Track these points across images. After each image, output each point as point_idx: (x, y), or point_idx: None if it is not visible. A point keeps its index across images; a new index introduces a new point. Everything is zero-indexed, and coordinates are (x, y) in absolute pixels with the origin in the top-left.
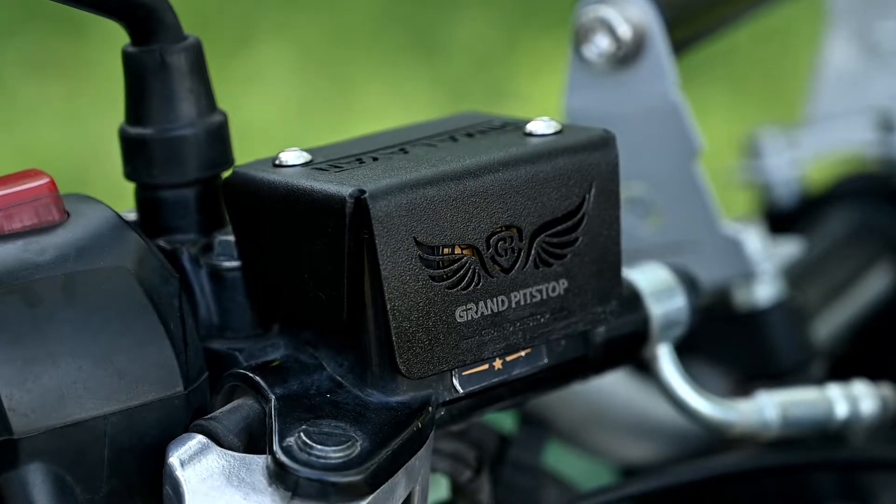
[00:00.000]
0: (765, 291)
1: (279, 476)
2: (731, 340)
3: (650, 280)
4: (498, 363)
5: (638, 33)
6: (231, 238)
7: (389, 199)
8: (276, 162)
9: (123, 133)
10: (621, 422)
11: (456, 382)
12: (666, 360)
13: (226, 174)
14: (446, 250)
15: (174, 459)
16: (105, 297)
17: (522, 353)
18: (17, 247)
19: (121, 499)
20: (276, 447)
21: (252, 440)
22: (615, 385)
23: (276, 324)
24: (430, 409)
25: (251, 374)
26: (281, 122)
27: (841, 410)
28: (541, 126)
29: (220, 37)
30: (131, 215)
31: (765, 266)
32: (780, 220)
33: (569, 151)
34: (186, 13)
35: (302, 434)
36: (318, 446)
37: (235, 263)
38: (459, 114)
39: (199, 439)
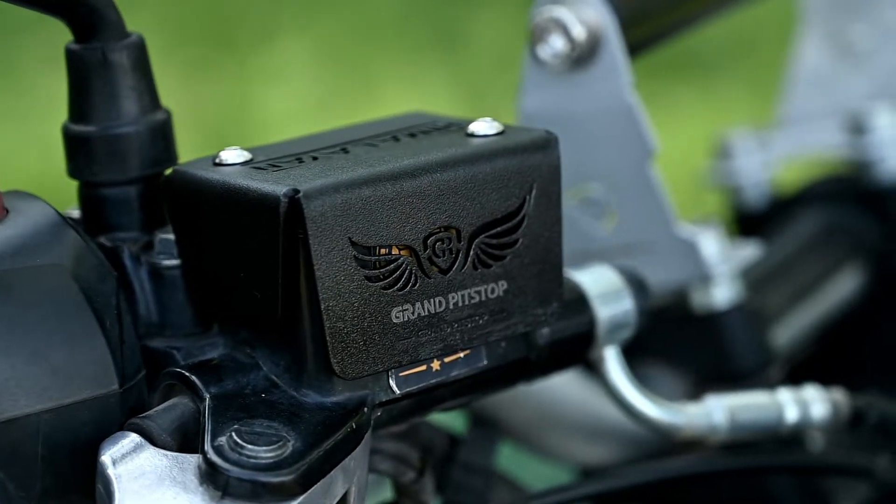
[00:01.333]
0: (722, 294)
1: (210, 475)
2: (688, 342)
3: (597, 282)
4: (436, 364)
5: (592, 34)
6: (171, 236)
7: (324, 198)
8: (216, 160)
9: (66, 130)
10: (575, 423)
11: (393, 383)
12: (612, 362)
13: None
14: (382, 251)
15: (106, 458)
16: (40, 294)
17: (461, 355)
18: None
19: (55, 496)
20: (207, 446)
21: (186, 439)
22: (569, 386)
23: (216, 322)
24: (366, 409)
25: (187, 373)
26: (301, 119)
27: (791, 415)
28: (483, 127)
29: (241, 33)
30: (76, 213)
31: (721, 268)
32: (750, 221)
33: (509, 152)
34: (209, 10)
35: (233, 433)
36: (249, 446)
37: (175, 262)
38: (406, 114)
39: (132, 438)
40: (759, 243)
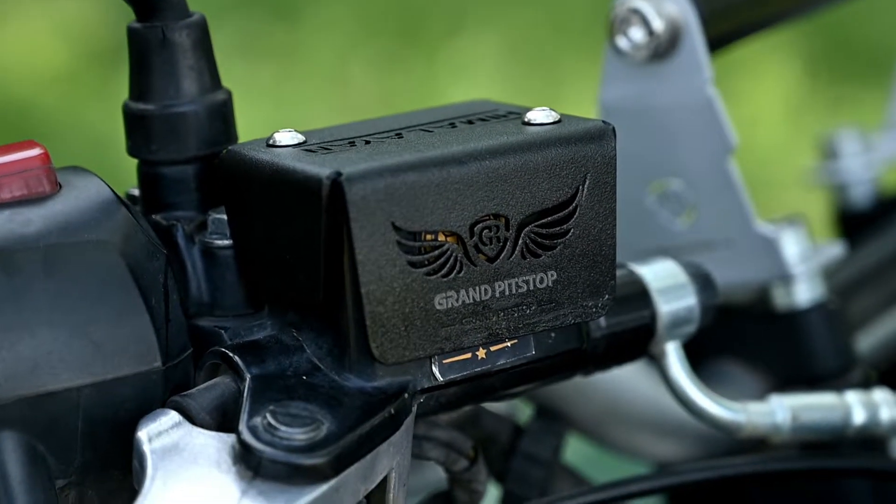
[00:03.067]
0: (803, 293)
1: (243, 456)
2: (768, 342)
3: (659, 276)
4: (481, 353)
5: (673, 27)
6: (224, 216)
7: (366, 182)
8: (270, 142)
9: (126, 109)
10: (643, 418)
11: (436, 370)
12: (673, 357)
13: None
14: (427, 236)
15: (142, 434)
16: (86, 269)
17: (508, 344)
18: (3, 217)
19: (95, 471)
20: (242, 426)
21: (226, 419)
22: (636, 380)
23: (266, 304)
24: (407, 395)
25: (230, 353)
26: None
27: (858, 417)
28: (540, 115)
29: (430, 27)
30: (137, 191)
31: (801, 268)
32: (854, 221)
33: (563, 142)
34: (398, 3)
35: (268, 415)
36: (283, 427)
37: (227, 242)
38: (471, 101)
39: (171, 415)
40: (845, 245)
